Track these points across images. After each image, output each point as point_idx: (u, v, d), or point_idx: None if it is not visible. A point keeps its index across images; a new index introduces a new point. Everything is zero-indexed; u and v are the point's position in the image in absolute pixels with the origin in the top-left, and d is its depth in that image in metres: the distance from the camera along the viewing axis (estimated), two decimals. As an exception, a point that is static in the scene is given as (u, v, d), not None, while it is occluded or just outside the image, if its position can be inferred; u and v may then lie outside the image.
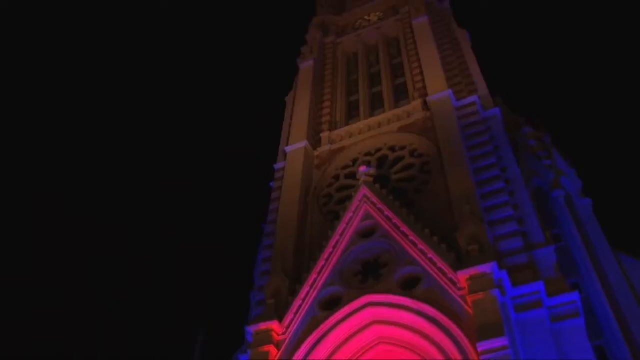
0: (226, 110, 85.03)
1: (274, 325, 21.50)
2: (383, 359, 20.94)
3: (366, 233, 23.58)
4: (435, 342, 19.48)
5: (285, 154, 31.37)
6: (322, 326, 21.02)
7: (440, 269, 20.76)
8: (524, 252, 20.78)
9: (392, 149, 29.06)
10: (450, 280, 20.28)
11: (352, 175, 28.18)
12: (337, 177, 29.33)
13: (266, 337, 21.27)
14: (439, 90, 29.21)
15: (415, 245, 21.85)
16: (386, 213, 23.40)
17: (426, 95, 29.94)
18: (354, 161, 29.46)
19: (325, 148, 31.09)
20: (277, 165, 31.41)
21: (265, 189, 31.29)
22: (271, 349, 20.96)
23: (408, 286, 20.99)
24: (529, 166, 26.19)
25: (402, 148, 28.65)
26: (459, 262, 20.44)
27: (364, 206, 24.15)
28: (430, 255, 21.20)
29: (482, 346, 17.73)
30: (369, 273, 22.12)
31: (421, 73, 31.92)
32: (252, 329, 21.75)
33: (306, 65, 37.76)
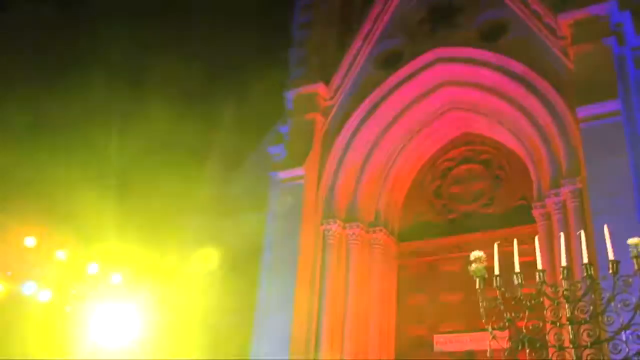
0: None
1: (319, 88, 17.85)
2: (456, 127, 17.72)
3: (436, -33, 18.27)
4: (522, 106, 15.57)
5: None
6: (379, 88, 17.28)
7: (534, 12, 15.92)
8: (659, -14, 15.50)
9: None
10: (547, 26, 15.56)
11: None
12: None
13: (310, 103, 17.82)
14: None
15: (502, -20, 16.66)
16: (463, -63, 17.79)
17: None
18: None
19: None
20: None
21: None
22: (317, 116, 17.63)
23: (490, 36, 16.45)
24: None
25: None
26: (562, 2, 15.32)
27: None
28: (522, -6, 16.23)
29: (584, 111, 13.61)
30: (439, 21, 17.46)
31: None
32: (292, 94, 18.23)
33: None
